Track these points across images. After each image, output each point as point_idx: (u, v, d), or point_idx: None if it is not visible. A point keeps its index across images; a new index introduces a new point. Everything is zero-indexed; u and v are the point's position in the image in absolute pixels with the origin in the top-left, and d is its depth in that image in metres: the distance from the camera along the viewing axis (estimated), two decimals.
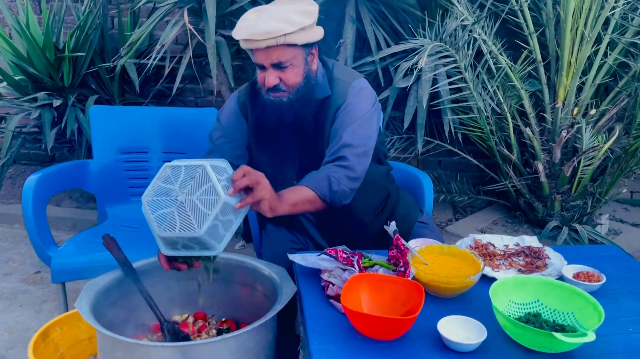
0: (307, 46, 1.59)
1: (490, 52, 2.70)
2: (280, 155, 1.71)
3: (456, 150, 3.10)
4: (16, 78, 3.10)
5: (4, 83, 3.14)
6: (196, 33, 2.56)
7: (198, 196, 1.25)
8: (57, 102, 3.04)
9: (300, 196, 1.51)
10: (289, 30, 1.49)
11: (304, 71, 1.60)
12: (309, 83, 1.62)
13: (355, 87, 1.66)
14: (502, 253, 1.59)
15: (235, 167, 1.49)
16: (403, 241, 1.45)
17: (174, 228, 1.26)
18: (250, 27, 1.50)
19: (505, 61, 2.68)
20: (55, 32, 3.22)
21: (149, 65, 2.76)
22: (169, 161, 2.48)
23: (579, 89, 2.72)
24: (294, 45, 1.54)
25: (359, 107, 1.64)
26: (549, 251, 1.59)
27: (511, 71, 2.67)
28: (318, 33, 1.60)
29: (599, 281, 1.41)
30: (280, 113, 1.61)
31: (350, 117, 1.62)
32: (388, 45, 2.90)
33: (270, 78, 1.55)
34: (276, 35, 1.49)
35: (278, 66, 1.55)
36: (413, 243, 1.54)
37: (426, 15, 2.75)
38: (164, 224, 1.27)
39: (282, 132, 1.66)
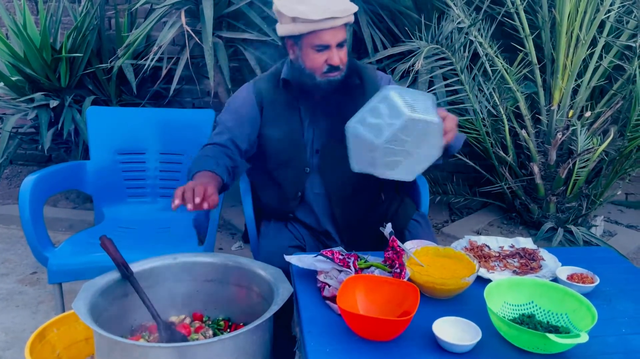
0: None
1: (486, 55, 2.71)
2: (297, 141, 1.77)
3: None
4: (13, 78, 3.10)
5: (1, 84, 3.13)
6: (193, 34, 2.56)
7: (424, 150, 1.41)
8: (54, 103, 3.04)
9: None
10: (355, 9, 1.64)
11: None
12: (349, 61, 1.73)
13: (384, 77, 1.82)
14: (497, 254, 1.60)
15: (240, 151, 1.72)
16: (399, 243, 1.46)
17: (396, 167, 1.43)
18: (330, 6, 1.58)
19: (501, 63, 2.69)
20: (52, 33, 3.22)
21: (146, 66, 2.76)
22: (166, 162, 2.52)
23: (574, 91, 2.74)
24: (349, 25, 1.67)
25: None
26: (543, 252, 1.60)
27: (507, 73, 2.69)
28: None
29: (592, 282, 1.43)
30: (335, 91, 1.70)
31: None
32: (384, 47, 2.91)
33: (337, 57, 1.64)
34: (350, 13, 1.62)
35: (340, 44, 1.65)
36: (409, 245, 1.55)
37: (422, 17, 2.75)
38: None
39: (312, 114, 1.75)
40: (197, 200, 1.40)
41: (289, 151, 1.77)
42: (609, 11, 2.56)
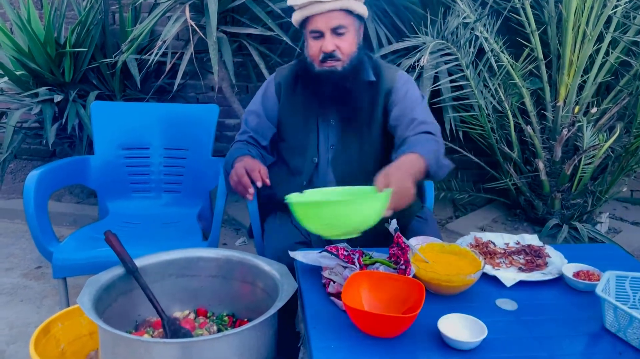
0: (359, 18, 1.68)
1: (491, 50, 2.69)
2: (307, 131, 1.77)
3: (457, 148, 3.10)
4: (17, 73, 3.10)
5: (5, 79, 3.13)
6: (198, 29, 2.56)
7: None
8: (58, 98, 3.04)
9: (420, 168, 1.49)
10: None
11: (357, 41, 1.67)
12: (361, 55, 1.69)
13: (402, 76, 1.76)
14: (503, 251, 1.60)
15: (261, 146, 1.76)
16: (404, 239, 1.45)
17: None
18: None
19: (507, 59, 2.68)
20: (56, 27, 3.21)
21: (150, 61, 2.76)
22: (170, 157, 2.52)
23: (580, 87, 2.72)
24: (351, 12, 1.62)
25: (416, 94, 1.74)
26: (549, 249, 1.59)
27: (512, 69, 2.67)
28: (366, 11, 1.70)
29: (599, 279, 1.42)
30: (333, 83, 1.65)
31: (412, 100, 1.70)
32: (389, 43, 2.90)
33: (329, 44, 1.61)
34: None
35: (336, 31, 1.61)
36: (414, 241, 1.54)
37: (428, 12, 2.74)
38: None
39: (320, 107, 1.73)
40: (259, 184, 1.52)
41: (301, 139, 1.78)
42: (615, 7, 2.54)
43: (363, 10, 1.68)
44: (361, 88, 1.70)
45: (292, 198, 1.37)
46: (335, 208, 1.25)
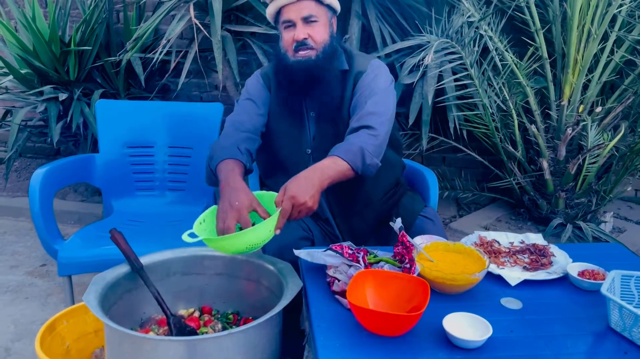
0: (330, 9, 1.73)
1: (496, 49, 2.69)
2: (298, 123, 1.80)
3: (461, 147, 3.10)
4: (22, 71, 3.11)
5: (10, 77, 3.14)
6: (202, 28, 2.56)
7: None
8: (62, 96, 3.04)
9: (337, 170, 1.56)
10: None
11: (330, 30, 1.72)
12: (334, 44, 1.72)
13: (374, 64, 1.78)
14: (507, 250, 1.60)
15: (256, 128, 1.76)
16: (408, 238, 1.45)
17: None
18: None
19: (511, 58, 2.67)
20: (61, 26, 3.22)
21: (154, 60, 2.76)
22: (175, 156, 2.52)
23: (585, 87, 2.72)
24: (321, 2, 1.68)
25: (380, 80, 1.74)
26: (554, 249, 1.59)
27: (517, 68, 2.66)
28: (337, 4, 1.75)
29: (603, 279, 1.42)
30: (307, 72, 1.68)
31: (372, 89, 1.71)
32: (394, 41, 2.90)
33: (300, 33, 1.65)
34: None
35: (307, 20, 1.65)
36: (418, 240, 1.55)
37: (432, 11, 2.74)
38: None
39: (303, 98, 1.76)
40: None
41: (291, 132, 1.80)
42: (620, 5, 2.53)
43: (334, 2, 1.72)
44: (335, 77, 1.74)
45: (198, 231, 1.47)
46: (230, 240, 1.41)
